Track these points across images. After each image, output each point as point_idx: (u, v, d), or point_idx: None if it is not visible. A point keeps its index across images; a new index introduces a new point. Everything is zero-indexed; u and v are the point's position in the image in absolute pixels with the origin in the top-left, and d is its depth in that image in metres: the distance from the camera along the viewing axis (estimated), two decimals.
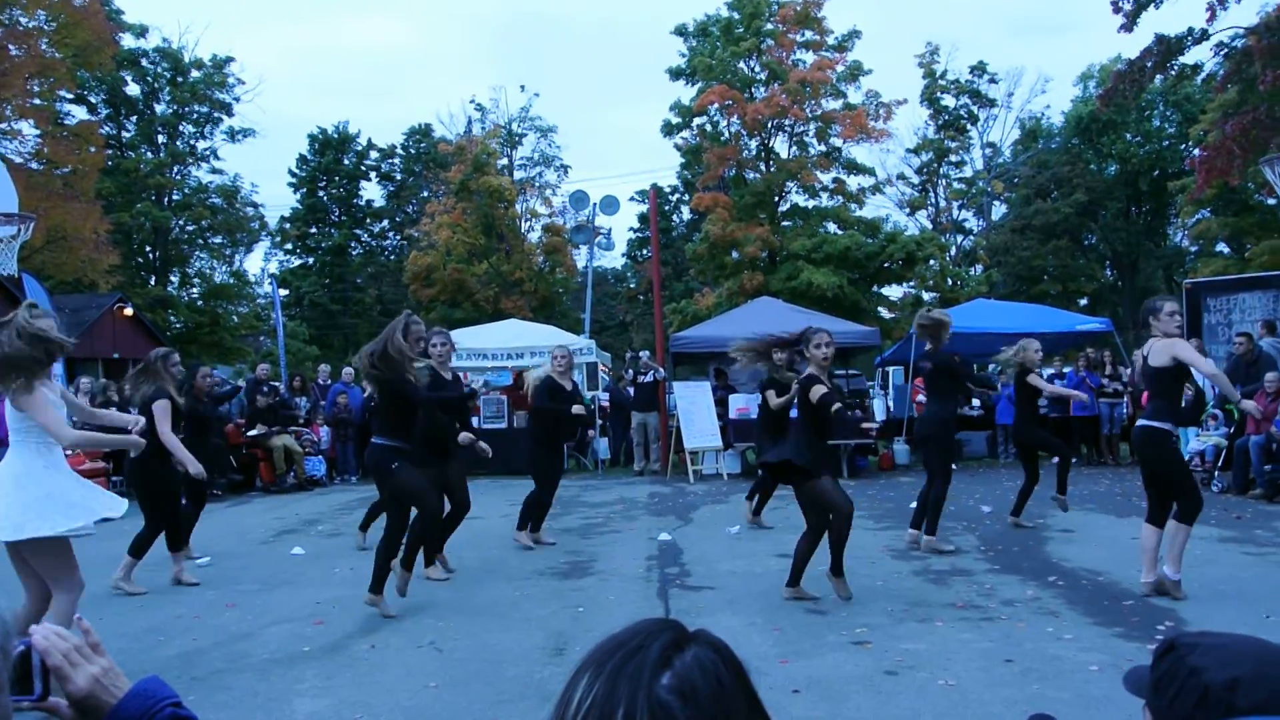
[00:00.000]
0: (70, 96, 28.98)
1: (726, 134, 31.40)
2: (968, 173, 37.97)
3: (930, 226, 36.16)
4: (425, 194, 43.48)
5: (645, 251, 42.23)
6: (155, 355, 7.50)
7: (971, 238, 39.44)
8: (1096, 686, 4.55)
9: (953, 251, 35.73)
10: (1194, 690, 1.24)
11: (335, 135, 45.65)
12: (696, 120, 31.76)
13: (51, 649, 1.46)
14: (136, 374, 7.54)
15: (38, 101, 22.11)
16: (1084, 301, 37.79)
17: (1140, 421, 6.47)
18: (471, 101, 43.20)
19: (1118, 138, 38.13)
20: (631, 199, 44.23)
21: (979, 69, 36.92)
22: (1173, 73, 20.57)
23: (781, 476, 6.90)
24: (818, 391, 6.19)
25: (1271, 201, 29.62)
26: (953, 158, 36.69)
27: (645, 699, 0.91)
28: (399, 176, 47.28)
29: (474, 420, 16.63)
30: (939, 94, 36.03)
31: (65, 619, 4.55)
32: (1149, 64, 19.00)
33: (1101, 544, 8.05)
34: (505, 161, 38.26)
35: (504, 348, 16.20)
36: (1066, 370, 16.06)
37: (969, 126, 37.42)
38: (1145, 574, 6.32)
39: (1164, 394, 6.29)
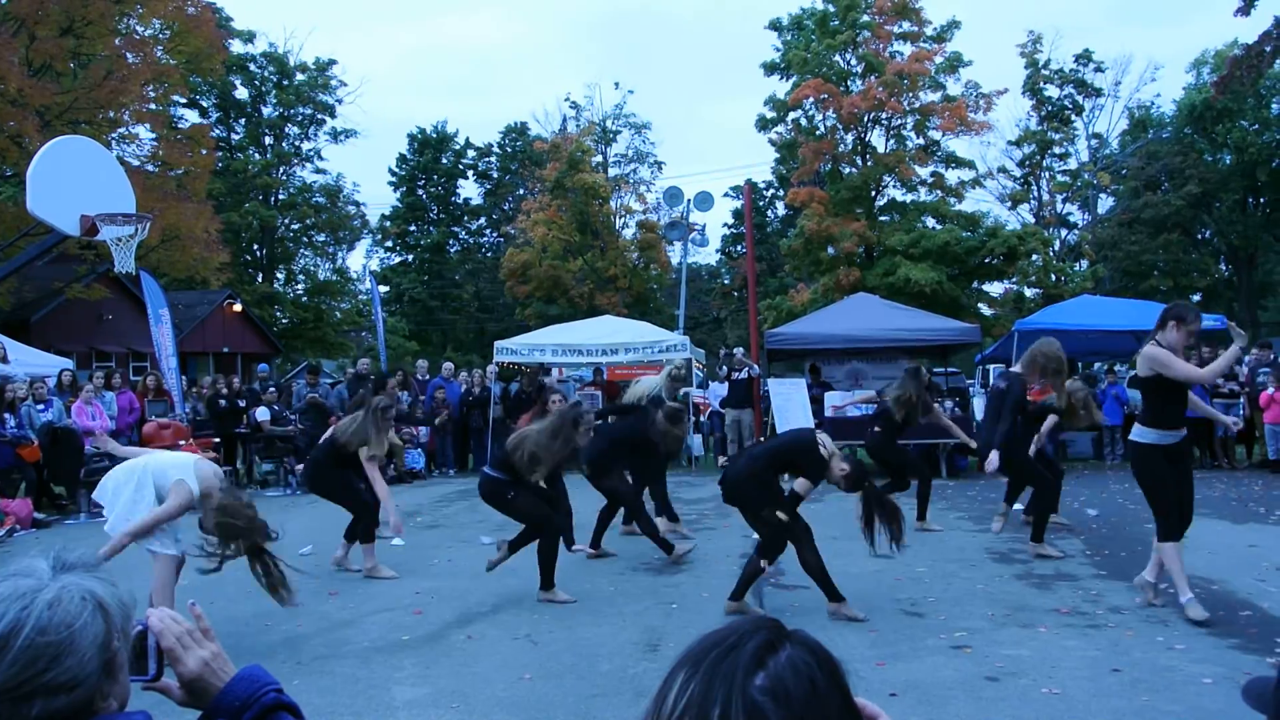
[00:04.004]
0: (183, 101, 30.16)
1: (822, 128, 31.04)
2: (1072, 165, 36.93)
3: (1033, 221, 35.20)
4: (521, 191, 44.06)
5: (740, 247, 42.06)
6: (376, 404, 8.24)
7: (1076, 232, 38.31)
8: (1211, 700, 4.36)
9: (1056, 246, 34.75)
10: None
11: (434, 134, 46.57)
12: (791, 114, 31.48)
13: (166, 631, 1.52)
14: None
15: (153, 106, 22.98)
16: (1197, 297, 36.35)
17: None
18: (566, 99, 43.65)
19: (1234, 126, 36.53)
20: (726, 195, 44.30)
21: (1084, 57, 35.82)
22: None
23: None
24: None
25: None
26: (1057, 149, 35.71)
27: (740, 699, 0.91)
28: (495, 174, 48.01)
29: None
30: (1042, 84, 35.05)
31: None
32: (1268, 48, 18.14)
33: (1216, 551, 7.71)
34: (600, 158, 38.51)
35: (598, 344, 16.28)
36: None
37: (1074, 117, 36.32)
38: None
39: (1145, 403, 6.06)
